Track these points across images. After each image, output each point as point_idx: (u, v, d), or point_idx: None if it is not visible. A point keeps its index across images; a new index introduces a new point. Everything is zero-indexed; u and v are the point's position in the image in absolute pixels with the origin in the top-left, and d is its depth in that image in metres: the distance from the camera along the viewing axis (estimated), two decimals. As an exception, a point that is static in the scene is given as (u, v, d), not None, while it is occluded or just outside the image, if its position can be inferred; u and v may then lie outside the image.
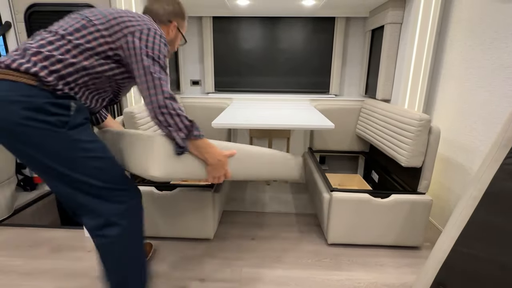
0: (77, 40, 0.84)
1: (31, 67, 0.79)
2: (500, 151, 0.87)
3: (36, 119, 0.79)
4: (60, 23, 0.89)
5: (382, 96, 2.17)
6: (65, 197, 0.92)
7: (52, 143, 0.82)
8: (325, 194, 1.67)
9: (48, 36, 0.84)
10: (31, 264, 1.51)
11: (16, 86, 0.78)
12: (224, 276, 1.43)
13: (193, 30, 2.51)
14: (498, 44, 1.46)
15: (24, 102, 0.78)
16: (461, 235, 0.91)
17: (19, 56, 0.81)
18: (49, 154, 0.83)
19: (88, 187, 0.89)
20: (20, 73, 0.79)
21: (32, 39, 0.86)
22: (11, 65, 0.79)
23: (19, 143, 0.81)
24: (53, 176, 0.87)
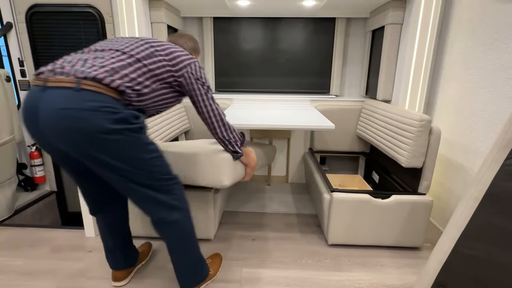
0: (150, 65, 0.99)
1: (120, 85, 0.91)
2: (501, 152, 0.87)
3: (118, 130, 0.89)
4: (125, 44, 1.01)
5: (383, 96, 2.17)
6: (136, 196, 1.05)
7: (130, 147, 0.94)
8: (326, 194, 1.66)
9: (124, 58, 0.96)
10: (31, 264, 1.51)
11: (105, 99, 0.88)
12: (224, 276, 1.43)
13: (194, 30, 2.52)
14: (499, 44, 1.46)
15: (111, 113, 0.88)
16: (461, 236, 0.91)
17: (107, 74, 0.90)
18: (125, 157, 0.94)
19: (154, 184, 1.03)
20: (109, 88, 0.89)
21: (102, 53, 0.96)
22: (103, 80, 0.88)
23: (96, 148, 0.89)
24: (124, 176, 0.97)
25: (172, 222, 1.10)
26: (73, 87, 0.86)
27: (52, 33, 2.16)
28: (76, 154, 0.90)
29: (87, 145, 0.88)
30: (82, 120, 0.84)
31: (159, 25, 2.06)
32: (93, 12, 2.09)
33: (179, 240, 1.15)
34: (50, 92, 0.86)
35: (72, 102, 0.85)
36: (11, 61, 2.28)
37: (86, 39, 2.16)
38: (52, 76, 0.88)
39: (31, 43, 2.18)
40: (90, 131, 0.85)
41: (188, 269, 1.22)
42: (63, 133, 0.86)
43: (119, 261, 1.34)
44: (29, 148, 2.42)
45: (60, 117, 0.84)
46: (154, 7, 2.02)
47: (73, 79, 0.87)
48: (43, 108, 0.86)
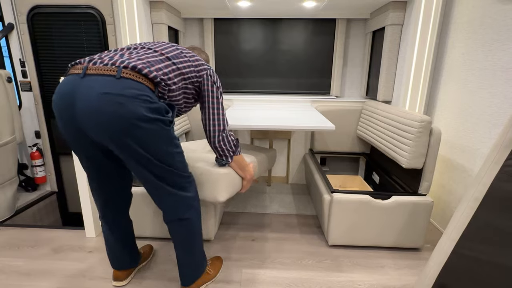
0: (178, 64, 1.05)
1: (157, 76, 0.96)
2: (501, 152, 0.87)
3: (152, 118, 0.93)
4: (155, 44, 1.09)
5: (383, 97, 2.17)
6: (155, 189, 1.08)
7: (160, 138, 0.97)
8: (326, 195, 1.66)
9: (157, 55, 1.02)
10: (32, 265, 1.51)
11: (143, 87, 0.92)
12: (224, 277, 1.43)
13: (194, 31, 2.52)
14: (499, 45, 1.46)
15: (148, 102, 0.92)
16: (462, 236, 0.91)
17: (146, 64, 0.95)
18: (154, 149, 0.97)
19: (172, 179, 1.07)
20: (146, 78, 0.94)
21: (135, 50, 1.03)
22: (142, 70, 0.93)
23: (129, 134, 0.92)
24: (148, 168, 1.01)
25: (186, 219, 1.15)
26: (114, 74, 0.90)
27: (53, 34, 2.17)
28: (107, 138, 0.93)
29: (121, 130, 0.91)
30: (121, 105, 0.88)
31: (160, 26, 2.06)
32: (94, 13, 2.09)
33: (189, 237, 1.19)
34: (90, 79, 0.90)
35: (113, 87, 0.89)
36: (12, 61, 2.29)
37: (87, 40, 2.17)
38: (91, 65, 0.93)
39: (33, 44, 2.19)
40: (127, 116, 0.89)
41: (192, 264, 1.26)
42: (100, 118, 0.89)
43: (121, 260, 1.34)
44: (30, 148, 2.43)
45: (101, 100, 0.88)
46: (155, 8, 2.03)
47: (113, 67, 0.91)
48: (83, 92, 0.89)
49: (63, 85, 0.94)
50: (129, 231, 1.35)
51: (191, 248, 1.23)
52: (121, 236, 1.30)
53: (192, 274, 1.28)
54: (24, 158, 2.48)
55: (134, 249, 1.40)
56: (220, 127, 1.17)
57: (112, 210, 1.23)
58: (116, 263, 1.35)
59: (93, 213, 1.75)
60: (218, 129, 1.17)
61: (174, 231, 1.18)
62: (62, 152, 2.44)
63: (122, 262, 1.35)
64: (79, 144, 1.02)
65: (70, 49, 2.19)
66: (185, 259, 1.24)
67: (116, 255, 1.33)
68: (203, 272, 1.34)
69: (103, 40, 2.14)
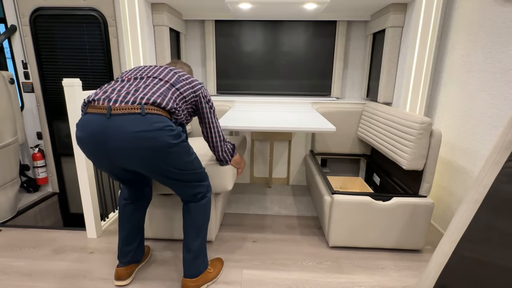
0: (181, 89, 1.17)
1: (172, 107, 1.09)
2: (501, 154, 0.87)
3: (176, 143, 1.08)
4: (157, 71, 1.19)
5: (384, 99, 2.17)
6: (179, 189, 1.25)
7: (182, 155, 1.13)
8: (327, 196, 1.67)
9: (163, 83, 1.14)
10: (33, 265, 1.52)
11: (165, 119, 1.05)
12: (225, 278, 1.44)
13: (196, 33, 2.54)
14: (499, 48, 1.46)
15: (171, 131, 1.06)
16: (462, 238, 0.91)
17: (161, 97, 1.07)
18: (177, 164, 1.13)
19: (194, 177, 1.24)
20: (165, 111, 1.08)
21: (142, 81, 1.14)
22: (161, 104, 1.06)
23: (159, 160, 1.07)
24: (172, 178, 1.17)
25: (204, 197, 1.31)
26: (139, 112, 1.01)
27: (55, 36, 2.19)
28: (139, 166, 1.07)
29: (153, 159, 1.05)
30: (152, 139, 1.01)
31: (161, 28, 2.08)
32: (96, 15, 2.11)
33: (203, 216, 1.32)
34: (118, 119, 1.00)
35: (141, 125, 1.00)
36: (15, 63, 2.31)
37: (89, 41, 2.18)
38: (113, 105, 1.02)
39: (35, 45, 2.20)
40: (158, 147, 1.03)
41: (197, 252, 1.33)
42: (134, 153, 1.02)
43: (132, 252, 1.39)
44: (32, 149, 2.44)
45: (133, 139, 0.99)
46: (157, 10, 2.04)
47: (137, 106, 1.02)
48: (115, 132, 0.99)
49: (89, 124, 1.03)
50: (144, 213, 1.44)
51: (199, 231, 1.32)
52: (137, 215, 1.39)
53: (196, 263, 1.33)
54: (26, 159, 2.49)
55: (142, 242, 1.45)
56: (220, 138, 1.36)
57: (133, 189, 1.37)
58: (125, 254, 1.38)
59: (94, 214, 1.75)
60: (219, 140, 1.36)
61: (193, 208, 1.30)
62: (63, 153, 2.45)
63: (131, 253, 1.39)
64: (106, 167, 1.15)
65: (72, 51, 2.21)
66: (193, 244, 1.31)
67: (128, 241, 1.38)
68: (205, 268, 1.37)
69: (105, 42, 2.16)
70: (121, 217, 1.38)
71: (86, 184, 1.69)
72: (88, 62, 2.23)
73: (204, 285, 1.36)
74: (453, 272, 0.91)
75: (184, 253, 1.32)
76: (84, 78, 2.24)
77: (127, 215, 1.37)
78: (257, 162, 2.69)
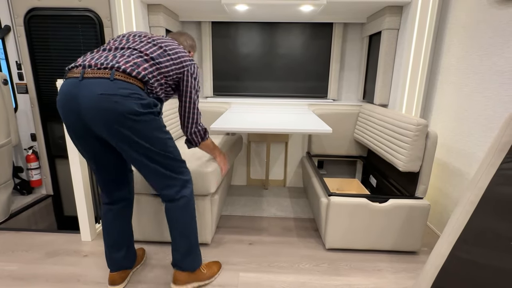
0: (161, 64, 1.17)
1: (144, 76, 1.10)
2: (497, 156, 0.87)
3: (143, 112, 1.08)
4: (140, 44, 1.18)
5: (380, 101, 2.18)
6: (150, 173, 1.20)
7: (151, 127, 1.12)
8: (323, 198, 1.66)
9: (142, 55, 1.14)
10: (26, 269, 1.49)
11: (134, 87, 1.07)
12: (221, 280, 1.42)
13: (192, 35, 2.53)
14: (494, 50, 1.48)
15: (139, 99, 1.07)
16: (458, 240, 0.91)
17: (133, 67, 1.09)
18: (146, 136, 1.11)
19: (169, 163, 1.21)
20: (135, 79, 1.09)
21: (122, 51, 1.14)
22: (131, 73, 1.07)
23: (126, 127, 1.07)
24: (142, 153, 1.14)
25: (182, 197, 1.27)
26: (108, 77, 1.05)
27: (50, 37, 2.17)
28: (107, 131, 1.07)
29: (118, 124, 1.05)
30: (116, 103, 1.03)
31: (158, 29, 2.07)
32: (91, 16, 2.09)
33: (185, 217, 1.29)
34: (88, 82, 1.05)
35: (108, 89, 1.04)
36: (8, 64, 2.28)
37: (84, 42, 2.16)
38: (87, 70, 1.07)
39: (29, 46, 2.18)
40: (122, 112, 1.04)
41: (187, 250, 1.31)
42: (100, 113, 1.04)
43: (120, 258, 1.34)
44: (26, 151, 2.41)
45: (99, 100, 1.03)
46: (153, 11, 2.03)
47: (107, 71, 1.06)
48: (84, 93, 1.04)
49: (65, 87, 1.07)
50: (128, 218, 1.38)
51: (186, 230, 1.30)
52: (120, 220, 1.33)
53: (185, 259, 1.32)
54: (20, 161, 2.46)
55: (131, 247, 1.40)
56: (194, 120, 1.33)
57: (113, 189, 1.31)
58: (114, 262, 1.34)
59: (89, 217, 1.73)
60: (192, 121, 1.33)
61: (172, 210, 1.28)
62: (58, 155, 2.42)
63: (119, 259, 1.34)
64: (82, 138, 1.14)
65: (67, 52, 2.19)
66: (181, 243, 1.30)
67: (114, 248, 1.33)
68: (198, 266, 1.37)
69: (100, 42, 2.14)
70: (104, 224, 1.33)
71: (80, 186, 1.67)
72: (83, 63, 2.21)
73: (195, 283, 1.36)
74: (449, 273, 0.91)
75: (172, 252, 1.33)
76: (79, 79, 2.22)
77: (110, 221, 1.32)
78: (254, 164, 2.68)
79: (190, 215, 1.30)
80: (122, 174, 1.32)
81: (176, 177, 1.25)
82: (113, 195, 1.31)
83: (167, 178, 1.23)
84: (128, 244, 1.39)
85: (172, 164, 1.23)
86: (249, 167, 2.68)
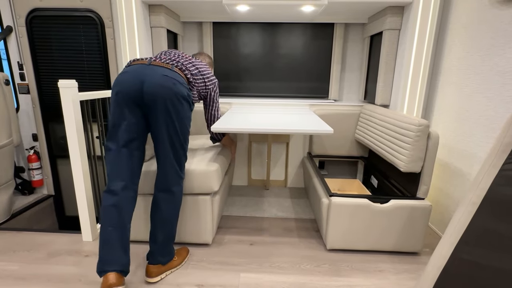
0: (195, 81, 1.49)
1: (190, 78, 1.45)
2: (499, 156, 0.87)
3: (187, 100, 1.37)
4: (183, 62, 1.46)
5: (381, 101, 2.18)
6: (163, 155, 1.37)
7: (186, 115, 1.38)
8: (324, 199, 1.66)
9: (188, 71, 1.45)
10: (28, 269, 1.49)
11: (184, 80, 1.39)
12: (222, 281, 1.42)
13: (193, 35, 2.53)
14: (496, 50, 1.47)
15: (187, 89, 1.37)
16: (460, 241, 0.90)
17: (184, 67, 1.43)
18: (181, 119, 1.34)
19: (179, 151, 1.39)
20: (185, 77, 1.43)
21: (176, 61, 1.44)
22: (185, 71, 1.43)
23: (172, 105, 1.30)
24: (170, 134, 1.33)
25: (173, 192, 1.40)
26: (170, 68, 1.35)
27: (52, 37, 2.17)
28: (159, 104, 1.28)
29: (169, 100, 1.29)
30: (174, 85, 1.30)
31: (159, 30, 2.07)
32: (93, 17, 2.10)
33: (171, 211, 1.41)
34: (154, 67, 1.32)
35: (170, 73, 1.32)
36: (10, 64, 2.29)
37: (86, 43, 2.17)
38: (153, 60, 1.36)
39: (31, 46, 2.19)
40: (176, 92, 1.30)
41: (166, 243, 1.42)
42: (160, 89, 1.27)
43: (116, 256, 1.25)
44: (27, 151, 2.42)
45: (162, 79, 1.29)
46: (154, 11, 2.04)
47: (169, 65, 1.37)
48: (150, 73, 1.29)
49: (132, 67, 1.31)
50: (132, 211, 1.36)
51: (168, 224, 1.41)
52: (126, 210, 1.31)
53: (162, 251, 1.41)
54: (21, 161, 2.46)
55: (129, 249, 1.32)
56: (214, 122, 1.69)
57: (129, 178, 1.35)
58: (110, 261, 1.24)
59: (90, 217, 1.73)
60: (213, 123, 1.68)
61: (160, 200, 1.39)
62: (59, 155, 2.43)
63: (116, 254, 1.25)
64: (128, 106, 1.29)
65: (68, 52, 2.19)
66: (159, 236, 1.39)
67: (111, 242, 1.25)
68: (171, 259, 1.47)
69: (101, 43, 2.15)
70: (111, 215, 1.27)
71: (81, 186, 1.67)
72: (85, 64, 2.22)
73: (168, 271, 1.46)
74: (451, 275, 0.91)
75: (150, 244, 1.40)
76: (80, 79, 2.23)
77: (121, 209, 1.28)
78: (255, 164, 2.68)
79: (175, 209, 1.43)
80: (140, 157, 1.40)
81: (178, 171, 1.40)
82: (127, 179, 1.32)
83: (171, 168, 1.38)
84: (127, 242, 1.31)
85: (180, 155, 1.40)
86: (250, 168, 2.68)
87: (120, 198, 1.30)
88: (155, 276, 1.41)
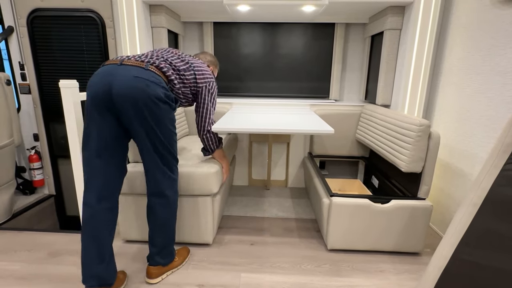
0: (184, 77, 1.38)
1: (171, 75, 1.31)
2: (500, 157, 0.87)
3: (165, 101, 1.25)
4: (170, 57, 1.37)
5: (382, 101, 2.18)
6: (150, 162, 1.29)
7: (167, 117, 1.27)
8: (325, 199, 1.66)
9: (170, 67, 1.33)
10: (29, 269, 1.50)
11: (161, 79, 1.26)
12: (223, 281, 1.42)
13: (194, 35, 2.53)
14: (497, 50, 1.47)
15: (164, 89, 1.25)
16: (461, 241, 0.90)
17: (163, 65, 1.30)
18: (160, 123, 1.24)
19: (167, 157, 1.31)
20: (163, 75, 1.29)
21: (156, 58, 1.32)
22: (162, 68, 1.29)
23: (148, 110, 1.20)
24: (151, 139, 1.25)
25: (166, 197, 1.35)
26: (143, 66, 1.23)
27: (53, 37, 2.18)
28: (132, 109, 1.18)
29: (144, 104, 1.19)
30: (148, 86, 1.19)
31: (159, 30, 2.07)
32: (94, 17, 2.10)
33: (166, 214, 1.37)
34: (126, 67, 1.22)
35: (142, 73, 1.21)
36: (11, 64, 2.29)
37: (86, 43, 2.17)
38: (126, 59, 1.26)
39: (32, 47, 2.19)
40: (150, 95, 1.19)
41: (165, 246, 1.40)
42: (132, 92, 1.17)
43: (93, 271, 1.22)
44: (28, 151, 2.42)
45: (134, 80, 1.18)
46: (155, 12, 2.04)
47: (143, 63, 1.25)
48: (121, 74, 1.19)
49: (103, 69, 1.22)
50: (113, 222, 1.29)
51: (165, 227, 1.37)
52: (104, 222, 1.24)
53: (161, 254, 1.40)
54: (22, 161, 2.47)
55: (112, 260, 1.28)
56: (204, 126, 1.50)
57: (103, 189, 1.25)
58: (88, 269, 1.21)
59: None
60: (202, 127, 1.50)
61: (154, 205, 1.34)
62: (60, 155, 2.43)
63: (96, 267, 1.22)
64: (101, 114, 1.21)
65: (69, 52, 2.20)
66: (158, 238, 1.37)
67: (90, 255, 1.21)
68: (172, 260, 1.46)
69: (102, 43, 2.15)
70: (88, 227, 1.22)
71: (82, 186, 1.67)
72: (86, 64, 2.22)
73: (169, 271, 1.46)
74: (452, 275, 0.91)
75: (150, 247, 1.39)
76: (81, 79, 2.23)
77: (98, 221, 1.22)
78: (256, 164, 2.68)
79: (171, 212, 1.38)
80: (118, 165, 1.28)
81: (169, 175, 1.34)
82: (101, 190, 1.24)
83: (161, 173, 1.31)
84: (111, 251, 1.28)
85: (169, 159, 1.32)
86: (251, 168, 2.68)
87: (95, 210, 1.23)
88: (156, 277, 1.41)
